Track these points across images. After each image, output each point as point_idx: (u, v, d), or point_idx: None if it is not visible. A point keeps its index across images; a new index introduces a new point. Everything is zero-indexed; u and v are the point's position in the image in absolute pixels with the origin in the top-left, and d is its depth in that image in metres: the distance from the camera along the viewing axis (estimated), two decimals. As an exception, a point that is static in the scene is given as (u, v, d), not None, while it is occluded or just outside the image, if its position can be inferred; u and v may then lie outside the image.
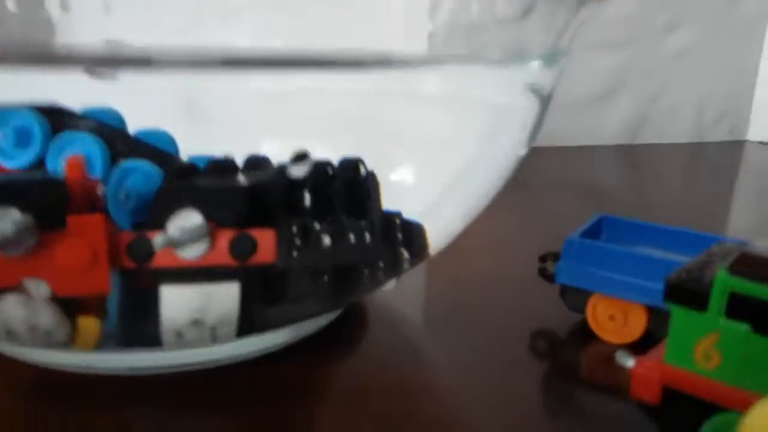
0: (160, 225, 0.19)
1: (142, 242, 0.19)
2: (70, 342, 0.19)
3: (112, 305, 0.20)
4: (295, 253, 0.19)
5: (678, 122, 0.70)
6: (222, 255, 0.19)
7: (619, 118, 0.67)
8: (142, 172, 0.19)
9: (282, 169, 0.20)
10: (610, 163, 0.60)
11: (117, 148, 0.19)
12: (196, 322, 0.19)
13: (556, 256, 0.27)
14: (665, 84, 0.68)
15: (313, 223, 0.20)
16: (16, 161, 0.20)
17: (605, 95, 0.66)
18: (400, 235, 0.22)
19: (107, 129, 0.19)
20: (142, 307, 0.20)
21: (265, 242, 0.19)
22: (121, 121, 0.22)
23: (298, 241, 0.19)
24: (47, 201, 0.18)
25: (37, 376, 0.22)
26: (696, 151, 0.66)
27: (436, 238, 0.24)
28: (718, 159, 0.64)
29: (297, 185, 0.20)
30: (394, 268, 0.23)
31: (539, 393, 0.23)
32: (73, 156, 0.19)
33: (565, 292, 0.27)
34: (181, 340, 0.20)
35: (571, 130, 0.64)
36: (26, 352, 0.22)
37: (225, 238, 0.19)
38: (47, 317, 0.19)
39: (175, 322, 0.19)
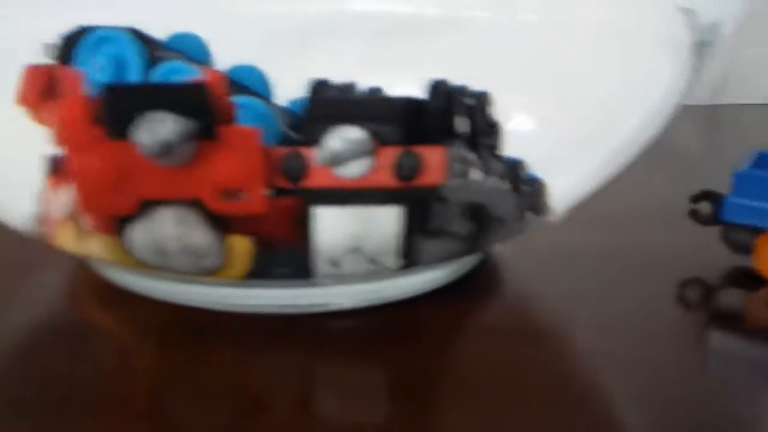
0: (314, 141, 0.17)
1: (295, 158, 0.17)
2: (221, 267, 0.18)
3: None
4: (461, 178, 0.17)
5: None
6: (384, 175, 0.17)
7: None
8: (253, 112, 0.18)
9: (446, 92, 0.18)
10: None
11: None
12: (355, 250, 0.18)
13: (710, 196, 0.24)
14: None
15: (469, 152, 0.18)
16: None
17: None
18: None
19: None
20: (296, 230, 0.18)
21: (434, 160, 0.17)
22: (204, 51, 0.21)
23: (461, 167, 0.18)
24: (200, 108, 0.17)
25: (171, 314, 0.21)
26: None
27: (560, 197, 0.21)
28: None
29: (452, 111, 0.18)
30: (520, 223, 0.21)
31: (692, 347, 0.21)
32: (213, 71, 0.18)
33: (729, 231, 0.24)
34: (336, 270, 0.18)
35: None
36: (161, 288, 0.21)
37: (388, 155, 0.17)
38: (201, 235, 0.18)
39: (332, 248, 0.18)
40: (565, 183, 0.21)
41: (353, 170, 0.17)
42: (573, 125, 0.20)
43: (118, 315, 0.22)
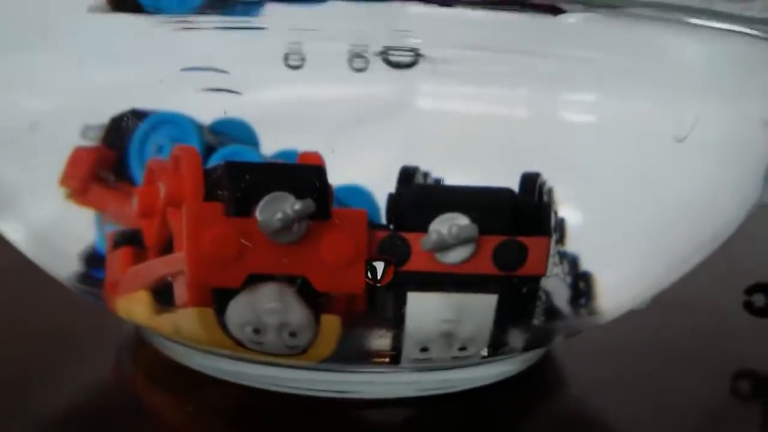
0: (418, 227, 0.18)
1: (399, 242, 0.18)
2: (309, 347, 0.18)
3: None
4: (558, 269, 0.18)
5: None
6: (484, 263, 0.18)
7: None
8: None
9: (538, 185, 0.19)
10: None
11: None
12: (447, 335, 0.18)
13: (764, 288, 0.25)
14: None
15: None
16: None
17: None
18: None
19: None
20: (388, 313, 0.19)
21: (538, 251, 0.18)
22: (252, 134, 0.22)
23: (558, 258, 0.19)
24: (316, 189, 0.17)
25: (241, 397, 0.21)
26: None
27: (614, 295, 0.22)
28: None
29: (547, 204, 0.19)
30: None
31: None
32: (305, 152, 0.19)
33: None
34: (423, 355, 0.19)
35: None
36: (231, 369, 0.21)
37: (489, 244, 0.18)
38: (298, 313, 0.18)
39: (423, 332, 0.18)
40: (615, 281, 0.22)
41: (456, 257, 0.18)
42: (631, 226, 0.21)
43: (176, 395, 0.22)
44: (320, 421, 0.20)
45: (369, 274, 0.18)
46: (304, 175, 0.17)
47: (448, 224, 0.17)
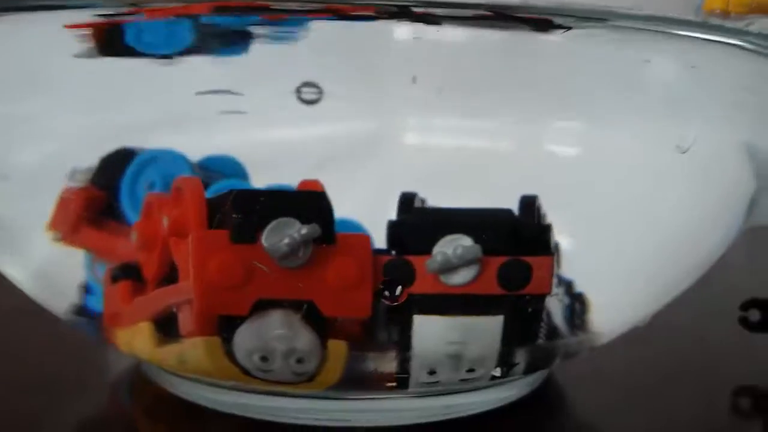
0: (421, 250, 0.18)
1: (403, 265, 0.18)
2: (316, 373, 0.18)
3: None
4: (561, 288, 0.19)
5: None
6: (489, 283, 0.18)
7: None
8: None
9: (536, 207, 0.19)
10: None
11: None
12: (454, 357, 0.18)
13: (759, 303, 0.26)
14: None
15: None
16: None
17: None
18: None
19: None
20: (394, 337, 0.19)
21: (542, 270, 0.18)
22: (242, 170, 0.22)
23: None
24: (320, 214, 0.17)
25: (245, 429, 0.21)
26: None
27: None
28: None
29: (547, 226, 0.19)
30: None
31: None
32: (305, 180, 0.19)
33: None
34: (431, 378, 0.19)
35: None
36: (234, 401, 0.21)
37: (493, 264, 0.18)
38: (306, 339, 0.18)
39: (430, 355, 0.18)
40: (607, 302, 0.22)
41: (461, 278, 0.18)
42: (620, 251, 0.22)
43: (178, 429, 0.22)
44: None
45: (387, 293, 0.18)
46: (308, 201, 0.18)
47: (453, 245, 0.17)
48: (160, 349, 0.20)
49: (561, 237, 0.20)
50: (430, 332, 0.18)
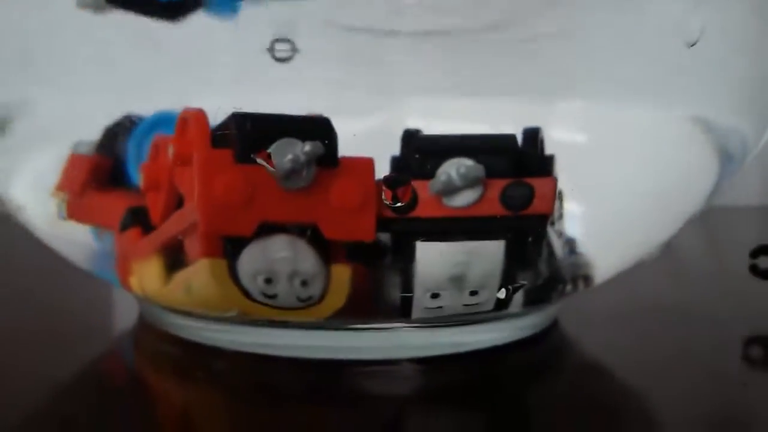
0: (424, 174, 0.18)
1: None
2: (320, 298, 0.19)
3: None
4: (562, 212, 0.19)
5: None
6: (492, 204, 0.18)
7: None
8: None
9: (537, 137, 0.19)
10: None
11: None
12: (458, 279, 0.19)
13: None
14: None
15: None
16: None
17: None
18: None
19: None
20: (397, 261, 0.19)
21: (544, 190, 0.18)
22: None
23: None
24: (324, 136, 0.18)
25: (244, 364, 0.21)
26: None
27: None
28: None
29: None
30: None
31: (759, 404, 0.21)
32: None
33: None
34: (435, 303, 0.19)
35: None
36: (233, 335, 0.21)
37: (496, 186, 0.18)
38: (309, 261, 0.18)
39: (433, 278, 0.19)
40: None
41: (464, 200, 0.18)
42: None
43: (183, 368, 0.22)
44: (329, 382, 0.20)
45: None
46: (312, 124, 0.18)
47: (456, 166, 0.18)
48: (169, 282, 0.20)
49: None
50: (433, 254, 0.18)
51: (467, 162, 0.18)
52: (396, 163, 0.19)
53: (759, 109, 0.21)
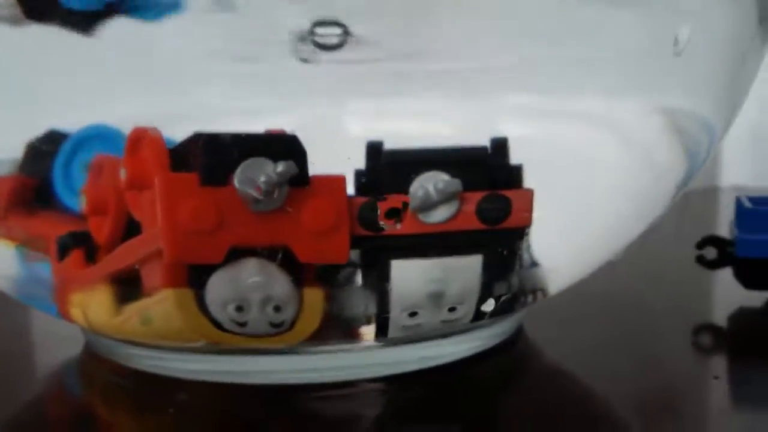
0: (397, 190, 0.18)
1: (377, 207, 0.17)
2: (294, 322, 0.18)
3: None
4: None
5: None
6: (469, 219, 0.18)
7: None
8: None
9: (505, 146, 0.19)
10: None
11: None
12: (436, 296, 0.18)
13: (714, 240, 0.26)
14: None
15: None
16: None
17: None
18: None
19: None
20: (372, 281, 0.18)
21: (521, 202, 0.18)
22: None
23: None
24: (293, 155, 0.17)
25: (213, 394, 0.20)
26: None
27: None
28: None
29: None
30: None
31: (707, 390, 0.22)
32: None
33: (744, 269, 0.26)
34: (412, 321, 0.18)
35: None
36: (197, 366, 0.20)
37: (472, 200, 0.18)
38: (282, 286, 0.17)
39: (411, 296, 0.18)
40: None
41: (441, 215, 0.17)
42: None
43: (142, 400, 0.21)
44: (294, 406, 0.19)
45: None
46: (280, 142, 0.17)
47: (432, 181, 0.17)
48: (120, 312, 0.19)
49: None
50: (409, 272, 0.18)
51: (443, 176, 0.17)
52: (361, 177, 0.19)
53: (727, 102, 0.22)
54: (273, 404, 0.19)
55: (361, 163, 0.18)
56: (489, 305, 0.19)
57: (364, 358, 0.21)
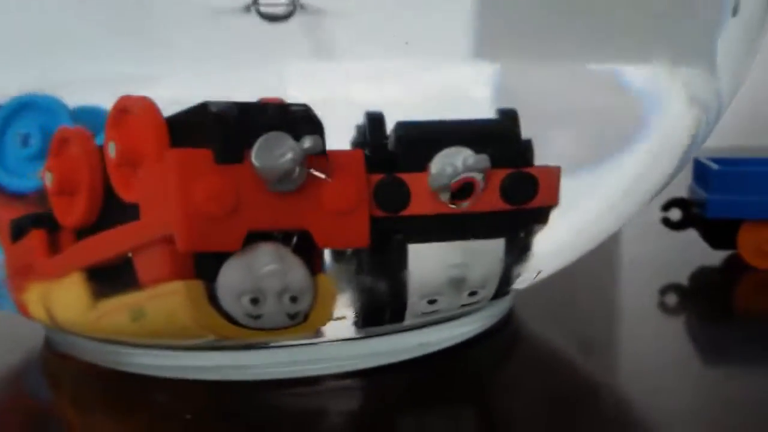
0: (416, 167, 0.16)
1: (396, 185, 0.16)
2: (309, 312, 0.16)
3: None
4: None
5: None
6: (492, 198, 0.17)
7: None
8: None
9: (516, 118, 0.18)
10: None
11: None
12: (456, 282, 0.17)
13: (679, 202, 0.27)
14: None
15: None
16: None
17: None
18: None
19: None
20: (385, 266, 0.17)
21: (548, 180, 0.17)
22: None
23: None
24: (312, 129, 0.15)
25: (209, 392, 0.18)
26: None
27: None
28: None
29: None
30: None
31: (683, 346, 0.22)
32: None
33: (711, 228, 0.26)
34: (431, 308, 0.17)
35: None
36: (180, 362, 0.18)
37: (495, 178, 0.16)
38: (299, 274, 0.15)
39: (430, 283, 0.17)
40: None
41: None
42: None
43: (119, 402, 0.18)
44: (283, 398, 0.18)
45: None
46: (297, 113, 0.15)
47: (460, 157, 0.16)
48: (95, 307, 0.17)
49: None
50: (429, 257, 0.17)
51: (468, 152, 0.16)
52: (378, 148, 0.17)
53: (734, 66, 0.21)
54: (266, 399, 0.18)
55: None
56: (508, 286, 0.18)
57: (360, 348, 0.19)
